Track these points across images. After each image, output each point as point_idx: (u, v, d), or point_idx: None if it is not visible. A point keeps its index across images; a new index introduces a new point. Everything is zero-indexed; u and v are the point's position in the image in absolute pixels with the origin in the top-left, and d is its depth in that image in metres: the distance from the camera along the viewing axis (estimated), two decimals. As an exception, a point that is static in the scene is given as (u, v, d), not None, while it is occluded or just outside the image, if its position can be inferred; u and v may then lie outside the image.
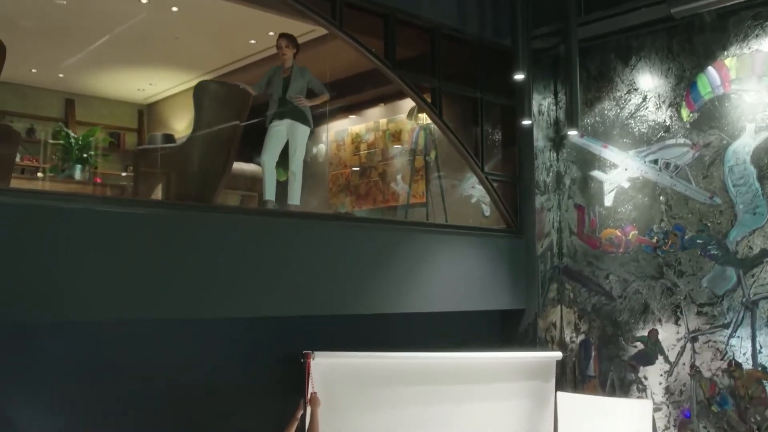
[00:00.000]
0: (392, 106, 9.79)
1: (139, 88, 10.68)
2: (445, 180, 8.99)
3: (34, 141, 9.10)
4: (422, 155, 9.23)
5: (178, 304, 5.50)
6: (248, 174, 7.43)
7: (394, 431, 6.33)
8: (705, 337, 7.06)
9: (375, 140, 9.87)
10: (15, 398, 5.03)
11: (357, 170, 9.96)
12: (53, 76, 9.97)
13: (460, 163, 8.75)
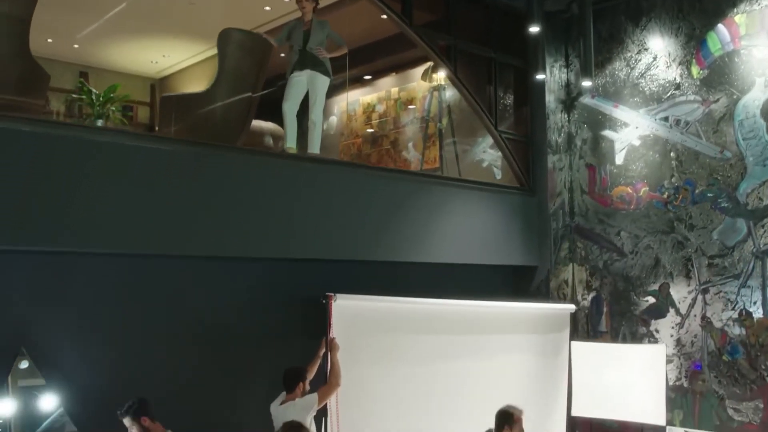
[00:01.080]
0: (404, 75, 9.93)
1: (153, 60, 10.80)
2: (457, 145, 9.13)
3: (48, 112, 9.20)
4: (434, 122, 9.36)
5: (203, 241, 5.63)
6: (267, 131, 7.56)
7: (411, 373, 6.42)
8: (716, 288, 7.19)
9: (387, 109, 10.00)
10: (49, 324, 5.15)
11: (370, 132, 10.07)
12: (68, 46, 10.08)
13: (472, 128, 8.92)
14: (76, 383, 5.15)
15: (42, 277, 5.17)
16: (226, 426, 5.87)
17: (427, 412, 6.44)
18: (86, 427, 5.13)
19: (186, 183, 5.53)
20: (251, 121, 6.67)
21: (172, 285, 5.78)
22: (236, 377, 5.96)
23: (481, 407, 6.64)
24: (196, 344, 5.81)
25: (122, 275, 5.56)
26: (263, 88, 6.66)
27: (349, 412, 5.96)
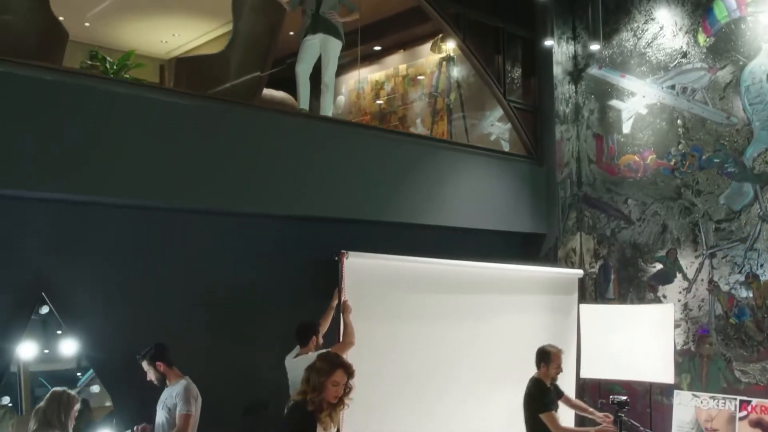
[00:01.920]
0: (412, 52, 10.03)
1: (163, 39, 10.89)
2: (466, 120, 9.23)
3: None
4: (442, 97, 9.46)
5: (218, 194, 5.74)
6: (278, 100, 7.65)
7: (422, 331, 6.50)
8: (723, 252, 7.27)
9: (395, 86, 10.10)
10: (69, 274, 5.25)
11: (378, 106, 10.17)
12: (79, 25, 10.18)
13: (480, 102, 9.02)
14: (95, 330, 5.25)
15: (62, 227, 5.29)
16: (240, 378, 5.96)
17: (436, 369, 6.51)
18: (103, 371, 5.23)
19: (202, 137, 5.64)
20: (264, 85, 6.77)
21: (188, 240, 5.89)
22: (249, 332, 6.05)
23: (489, 366, 6.76)
24: (211, 299, 5.91)
25: (140, 229, 5.67)
26: (275, 54, 6.76)
27: (359, 367, 6.02)
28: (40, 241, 5.17)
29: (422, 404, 6.39)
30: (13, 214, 5.06)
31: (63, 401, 4.23)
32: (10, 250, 5.03)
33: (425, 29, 9.38)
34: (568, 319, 7.41)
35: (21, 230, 5.09)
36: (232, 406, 5.97)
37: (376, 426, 6.09)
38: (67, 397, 4.28)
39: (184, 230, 5.87)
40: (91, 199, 5.24)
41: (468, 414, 6.55)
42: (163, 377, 5.13)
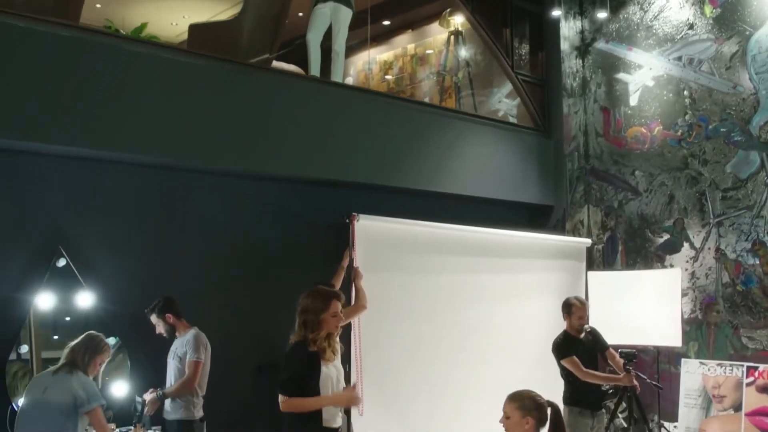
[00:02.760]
0: (420, 31, 10.12)
1: (173, 22, 10.99)
2: (474, 97, 9.30)
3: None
4: (450, 75, 9.53)
5: (230, 155, 5.83)
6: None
7: (432, 295, 6.57)
8: (729, 220, 7.32)
9: (403, 65, 10.19)
10: (85, 229, 5.35)
11: (386, 82, 10.24)
12: (91, 6, 10.28)
13: (487, 79, 9.10)
14: (109, 284, 5.34)
15: (79, 184, 5.39)
16: (252, 338, 6.05)
17: (446, 332, 6.58)
18: (116, 324, 5.32)
19: (216, 98, 5.74)
20: (276, 50, 6.86)
21: (202, 201, 5.98)
22: (260, 292, 6.13)
23: (498, 330, 6.82)
24: (223, 259, 6.01)
25: (155, 189, 5.76)
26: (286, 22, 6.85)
27: (371, 328, 6.11)
28: (57, 197, 5.27)
29: (433, 367, 6.46)
30: (32, 170, 5.17)
31: (92, 345, 4.31)
32: (29, 205, 5.14)
33: (433, 8, 9.48)
34: (577, 287, 7.47)
35: (40, 186, 5.20)
36: (244, 364, 6.06)
37: (388, 388, 6.16)
38: (99, 342, 4.37)
39: (198, 191, 5.96)
40: (107, 155, 5.34)
41: (478, 376, 6.62)
42: (173, 329, 5.22)
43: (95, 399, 4.14)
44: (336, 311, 4.08)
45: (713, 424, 7.08)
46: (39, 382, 4.24)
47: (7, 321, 4.96)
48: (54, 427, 4.05)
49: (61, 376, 4.16)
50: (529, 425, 3.61)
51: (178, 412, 5.06)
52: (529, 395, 3.69)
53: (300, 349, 3.98)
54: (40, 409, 4.09)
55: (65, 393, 4.08)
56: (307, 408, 3.91)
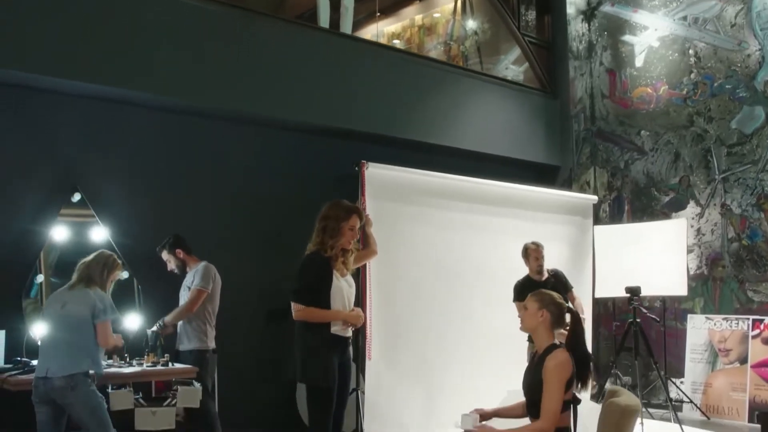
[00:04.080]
0: (427, 3, 10.21)
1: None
2: (482, 65, 9.39)
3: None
4: (458, 44, 9.62)
5: (243, 99, 5.93)
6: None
7: (440, 244, 6.64)
8: (735, 176, 7.38)
9: (410, 36, 10.27)
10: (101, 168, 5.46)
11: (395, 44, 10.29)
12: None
13: (494, 47, 9.19)
14: (122, 222, 5.45)
15: (95, 124, 5.51)
16: (262, 283, 6.14)
17: (453, 280, 6.65)
18: (129, 260, 5.42)
19: (230, 44, 5.86)
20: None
21: (213, 146, 6.10)
22: (269, 238, 6.22)
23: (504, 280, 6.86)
24: (233, 203, 6.13)
25: (168, 132, 5.89)
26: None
27: (379, 274, 6.18)
28: (73, 135, 5.39)
29: (439, 313, 6.53)
30: (49, 109, 5.29)
31: (108, 262, 4.40)
32: (46, 142, 5.27)
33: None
34: (583, 242, 7.53)
35: (56, 125, 5.32)
36: (253, 310, 6.15)
37: (395, 333, 6.23)
38: (113, 260, 4.46)
39: (211, 137, 6.08)
40: (122, 96, 5.45)
41: (484, 324, 6.68)
42: (183, 264, 5.32)
43: (111, 312, 4.23)
44: (354, 225, 4.16)
45: (719, 378, 7.14)
46: (57, 298, 4.33)
47: (24, 252, 5.08)
48: (76, 340, 4.14)
49: (78, 290, 4.25)
50: (544, 318, 3.68)
51: (191, 343, 5.16)
52: (550, 294, 3.79)
53: (315, 259, 4.05)
54: (61, 323, 4.18)
55: (85, 305, 4.17)
56: (318, 319, 3.99)
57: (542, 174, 8.24)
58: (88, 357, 4.14)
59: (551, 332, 3.72)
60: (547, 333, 3.71)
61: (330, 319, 4.02)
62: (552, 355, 3.58)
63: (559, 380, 3.51)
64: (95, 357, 4.18)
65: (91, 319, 4.16)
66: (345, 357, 4.15)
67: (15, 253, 5.05)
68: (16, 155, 5.13)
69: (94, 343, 4.18)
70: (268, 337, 6.22)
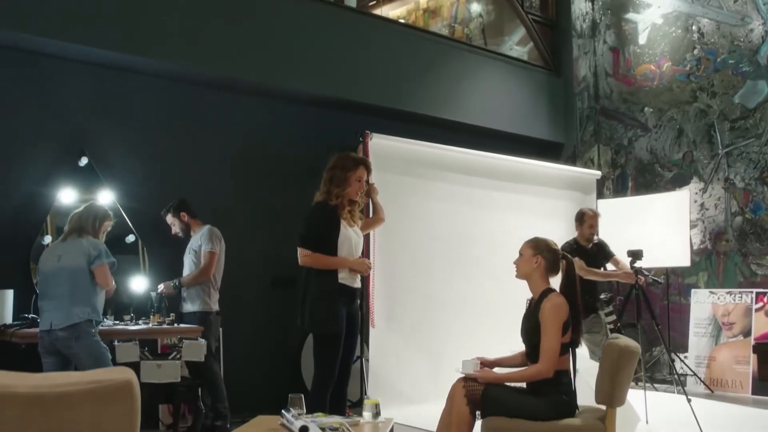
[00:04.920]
0: (432, -15, 10.26)
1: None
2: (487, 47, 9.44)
3: None
4: (462, 26, 9.66)
5: (251, 69, 6.00)
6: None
7: (441, 216, 6.69)
8: (738, 150, 7.40)
9: (415, 20, 10.32)
10: (108, 134, 5.53)
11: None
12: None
13: (499, 29, 9.24)
14: (128, 186, 5.53)
15: (103, 90, 5.59)
16: (267, 251, 6.19)
17: (455, 251, 6.70)
18: (135, 223, 5.49)
19: (239, 14, 5.94)
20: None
21: (221, 116, 6.19)
22: (273, 208, 6.29)
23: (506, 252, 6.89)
24: (237, 173, 6.21)
25: (176, 100, 5.98)
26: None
27: (383, 243, 6.23)
28: (81, 101, 5.47)
29: (441, 283, 6.58)
30: (59, 75, 5.38)
31: (99, 212, 4.46)
32: (54, 107, 5.35)
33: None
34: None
35: (64, 90, 5.40)
36: (257, 277, 6.21)
37: (399, 301, 6.28)
38: (104, 210, 4.52)
39: (216, 106, 6.16)
40: (128, 62, 5.52)
41: (485, 294, 6.72)
42: (188, 228, 5.38)
43: (106, 256, 4.27)
44: (361, 177, 4.16)
45: (723, 351, 7.15)
46: (52, 251, 4.39)
47: (32, 213, 5.15)
48: (75, 291, 4.19)
49: (71, 240, 4.31)
50: (538, 264, 3.72)
51: (195, 304, 5.21)
52: (545, 240, 3.82)
53: (322, 207, 4.08)
54: (58, 276, 4.22)
55: (79, 255, 4.22)
56: (324, 265, 4.00)
57: (546, 151, 8.28)
58: (88, 306, 4.19)
59: (546, 278, 3.76)
60: (542, 279, 3.75)
61: (336, 266, 4.03)
62: (548, 298, 3.63)
63: (555, 321, 3.55)
64: (94, 305, 4.24)
65: (87, 268, 4.21)
66: (353, 307, 4.16)
67: (23, 215, 5.12)
68: (26, 119, 5.21)
69: (93, 292, 4.23)
70: (272, 303, 6.27)
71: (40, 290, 4.38)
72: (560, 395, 3.57)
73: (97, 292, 4.27)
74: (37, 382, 2.23)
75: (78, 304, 4.17)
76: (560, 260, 3.77)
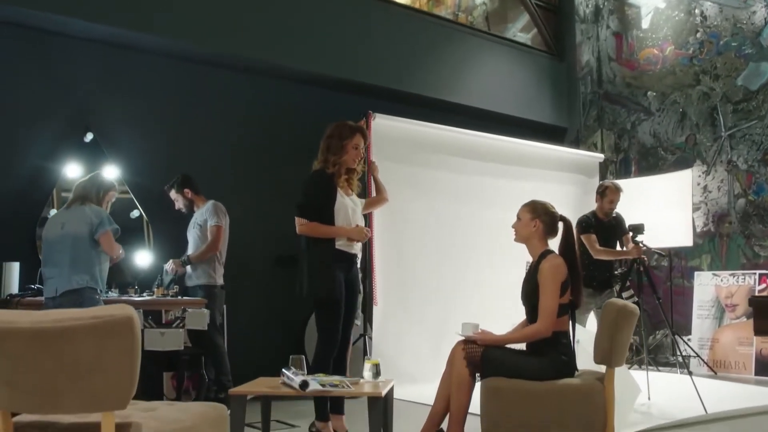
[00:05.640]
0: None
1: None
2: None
3: None
4: (466, 14, 9.70)
5: (255, 47, 6.05)
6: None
7: (442, 197, 6.72)
8: (741, 132, 7.41)
9: (419, 8, 10.35)
10: (112, 111, 5.59)
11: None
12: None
13: (502, 16, 9.26)
14: (133, 161, 5.59)
15: (108, 68, 5.64)
16: (272, 229, 6.23)
17: (457, 230, 6.73)
18: (139, 198, 5.54)
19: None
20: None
21: (226, 95, 6.24)
22: (276, 186, 6.32)
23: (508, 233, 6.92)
24: (241, 151, 6.25)
25: (181, 78, 6.04)
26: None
27: (385, 222, 6.27)
28: (87, 78, 5.53)
29: (443, 261, 6.61)
30: (64, 52, 5.45)
31: (104, 182, 4.52)
32: (59, 84, 5.42)
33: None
34: (591, 200, 7.55)
35: (69, 67, 5.47)
36: (260, 254, 6.25)
37: (399, 282, 6.32)
38: (108, 181, 4.58)
39: (220, 84, 6.22)
40: (134, 39, 5.58)
41: (486, 272, 6.75)
42: (191, 203, 5.40)
43: (109, 223, 4.32)
44: (358, 144, 4.18)
45: (726, 333, 7.16)
46: (55, 220, 4.45)
47: (38, 187, 5.21)
48: (77, 258, 4.24)
49: (75, 208, 4.36)
50: (537, 227, 3.75)
51: (201, 278, 5.24)
52: (542, 203, 3.84)
53: (319, 175, 4.11)
54: (61, 243, 4.28)
55: (82, 222, 4.27)
56: (321, 234, 4.04)
57: (549, 135, 8.30)
58: (87, 273, 4.24)
59: (545, 241, 3.79)
60: (540, 242, 3.78)
61: (333, 234, 4.06)
62: (546, 259, 3.65)
63: (553, 281, 3.57)
64: (94, 273, 4.28)
65: (89, 236, 4.25)
66: (351, 273, 4.19)
67: (29, 189, 5.19)
68: (31, 96, 5.27)
69: (95, 260, 4.28)
70: (276, 281, 6.30)
71: (44, 258, 4.43)
72: (559, 355, 3.60)
73: (100, 261, 4.31)
74: (39, 318, 2.28)
75: (78, 272, 4.22)
76: (558, 222, 3.80)
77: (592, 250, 5.67)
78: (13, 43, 5.19)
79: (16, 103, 5.19)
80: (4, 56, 5.17)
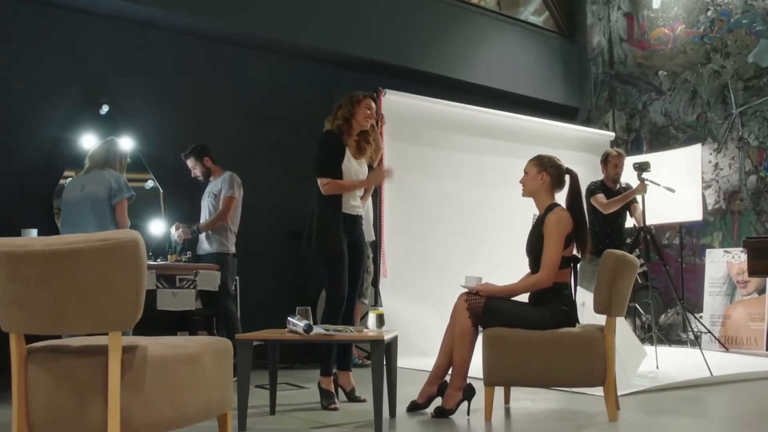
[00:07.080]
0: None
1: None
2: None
3: None
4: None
5: (266, 24, 6.15)
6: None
7: (452, 173, 6.79)
8: (752, 109, 7.41)
9: (432, -6, 10.45)
10: (128, 85, 5.72)
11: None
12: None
13: (514, 1, 9.32)
14: (147, 134, 5.72)
15: (123, 44, 5.78)
16: (284, 204, 6.34)
17: (468, 203, 6.82)
18: (153, 168, 5.67)
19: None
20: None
21: (238, 71, 6.36)
22: (287, 164, 6.43)
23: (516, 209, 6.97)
24: (252, 126, 6.36)
25: (196, 55, 6.18)
26: None
27: (395, 198, 6.36)
28: (103, 53, 5.67)
29: (452, 237, 6.68)
30: (80, 27, 5.58)
31: (120, 147, 4.64)
32: (75, 58, 5.55)
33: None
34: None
35: (87, 42, 5.61)
36: (272, 229, 6.35)
37: (409, 256, 6.40)
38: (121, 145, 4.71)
39: (234, 62, 6.34)
40: (149, 16, 5.71)
41: (494, 249, 6.79)
42: (209, 172, 5.48)
43: (127, 190, 4.44)
44: (370, 105, 4.26)
45: (738, 309, 7.16)
46: (75, 182, 4.57)
47: (55, 157, 5.35)
48: (95, 220, 4.36)
49: (95, 173, 4.48)
50: (544, 180, 3.80)
51: (213, 246, 5.34)
52: (549, 156, 3.89)
53: (328, 134, 4.19)
54: (81, 204, 4.40)
55: (102, 185, 4.39)
56: (346, 189, 4.11)
57: (561, 115, 8.33)
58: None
59: (552, 194, 3.84)
60: (547, 195, 3.83)
61: (357, 187, 4.19)
62: (552, 211, 3.71)
63: (558, 233, 3.63)
64: None
65: (107, 200, 4.37)
66: (355, 234, 4.27)
67: (47, 159, 5.32)
68: (48, 69, 5.41)
69: (111, 223, 4.39)
70: (286, 256, 6.40)
71: (63, 219, 4.55)
72: (560, 305, 3.65)
73: (115, 224, 4.43)
74: (51, 241, 2.39)
75: (96, 232, 4.32)
76: (564, 174, 3.85)
77: (601, 206, 5.65)
78: (31, 19, 5.33)
79: (33, 77, 5.33)
80: (22, 31, 5.32)
